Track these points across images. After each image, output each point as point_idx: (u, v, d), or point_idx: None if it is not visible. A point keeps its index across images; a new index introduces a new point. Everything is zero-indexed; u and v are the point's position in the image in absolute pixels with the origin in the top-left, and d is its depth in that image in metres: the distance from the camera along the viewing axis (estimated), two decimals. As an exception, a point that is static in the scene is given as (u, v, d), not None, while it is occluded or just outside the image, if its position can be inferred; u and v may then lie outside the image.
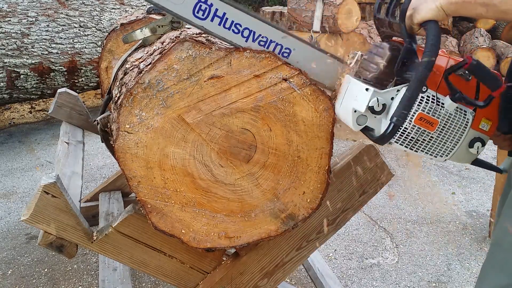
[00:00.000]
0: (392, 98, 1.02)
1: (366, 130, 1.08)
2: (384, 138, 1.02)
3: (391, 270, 2.19)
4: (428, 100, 1.01)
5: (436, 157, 1.09)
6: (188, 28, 1.40)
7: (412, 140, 1.04)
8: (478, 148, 1.08)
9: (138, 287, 2.06)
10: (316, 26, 3.50)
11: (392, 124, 0.99)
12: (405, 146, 1.05)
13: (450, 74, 1.00)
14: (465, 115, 1.05)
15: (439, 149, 1.07)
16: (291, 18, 4.10)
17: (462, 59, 1.01)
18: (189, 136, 1.05)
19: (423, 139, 1.05)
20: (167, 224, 1.09)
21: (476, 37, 5.86)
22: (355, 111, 1.04)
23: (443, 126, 1.04)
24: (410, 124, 1.02)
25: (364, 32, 4.93)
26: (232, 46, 1.07)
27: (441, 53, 1.04)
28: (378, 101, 1.01)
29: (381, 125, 1.05)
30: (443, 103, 1.02)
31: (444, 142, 1.06)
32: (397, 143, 1.05)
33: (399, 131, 1.03)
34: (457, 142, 1.07)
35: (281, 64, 1.07)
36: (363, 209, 2.71)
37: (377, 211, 2.73)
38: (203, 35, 1.17)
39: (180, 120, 1.04)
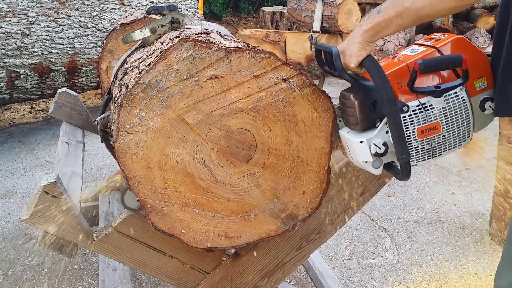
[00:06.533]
0: (387, 132, 1.01)
1: (389, 168, 1.07)
2: (405, 176, 1.02)
3: (391, 270, 2.19)
4: (416, 114, 1.00)
5: (461, 144, 1.07)
6: (188, 28, 1.41)
7: (429, 151, 1.03)
8: (491, 106, 1.06)
9: (138, 287, 2.06)
10: (316, 26, 3.49)
11: (403, 163, 1.00)
12: (428, 159, 1.04)
13: (412, 85, 0.99)
14: (457, 95, 1.03)
15: (458, 138, 1.06)
16: (291, 18, 4.10)
17: (413, 60, 1.00)
18: (189, 136, 1.05)
19: (438, 143, 1.04)
20: (167, 224, 1.09)
21: (476, 37, 5.88)
22: (366, 162, 1.04)
23: (446, 122, 1.02)
24: (417, 142, 1.01)
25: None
26: (232, 46, 1.07)
27: (397, 61, 1.03)
28: (377, 145, 1.01)
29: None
30: (431, 105, 1.01)
31: (458, 130, 1.05)
32: (419, 161, 1.04)
33: (412, 162, 1.02)
34: (468, 119, 1.05)
35: (280, 65, 1.07)
36: (363, 209, 2.71)
37: (377, 211, 2.73)
38: (203, 35, 1.17)
39: (180, 120, 1.04)
